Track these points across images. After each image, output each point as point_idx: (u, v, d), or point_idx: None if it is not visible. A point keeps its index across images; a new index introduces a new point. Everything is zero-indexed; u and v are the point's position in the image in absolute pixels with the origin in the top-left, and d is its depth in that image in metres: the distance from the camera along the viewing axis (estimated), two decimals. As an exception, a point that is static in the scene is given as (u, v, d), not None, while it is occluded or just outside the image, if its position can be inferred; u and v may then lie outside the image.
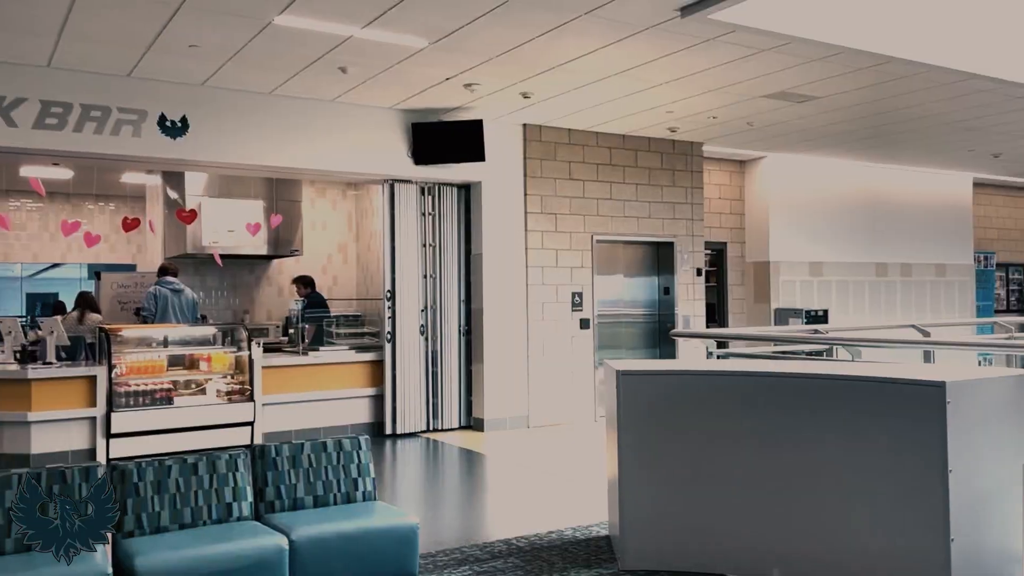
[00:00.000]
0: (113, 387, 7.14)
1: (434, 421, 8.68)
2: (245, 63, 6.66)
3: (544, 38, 6.13)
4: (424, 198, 8.73)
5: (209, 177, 9.18)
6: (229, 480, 3.91)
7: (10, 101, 6.50)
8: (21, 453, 6.83)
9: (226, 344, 8.07)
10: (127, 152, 7.05)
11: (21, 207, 11.28)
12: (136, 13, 5.54)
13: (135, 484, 3.72)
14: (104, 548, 3.48)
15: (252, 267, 10.28)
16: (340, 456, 4.24)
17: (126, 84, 6.94)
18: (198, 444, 7.22)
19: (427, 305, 8.71)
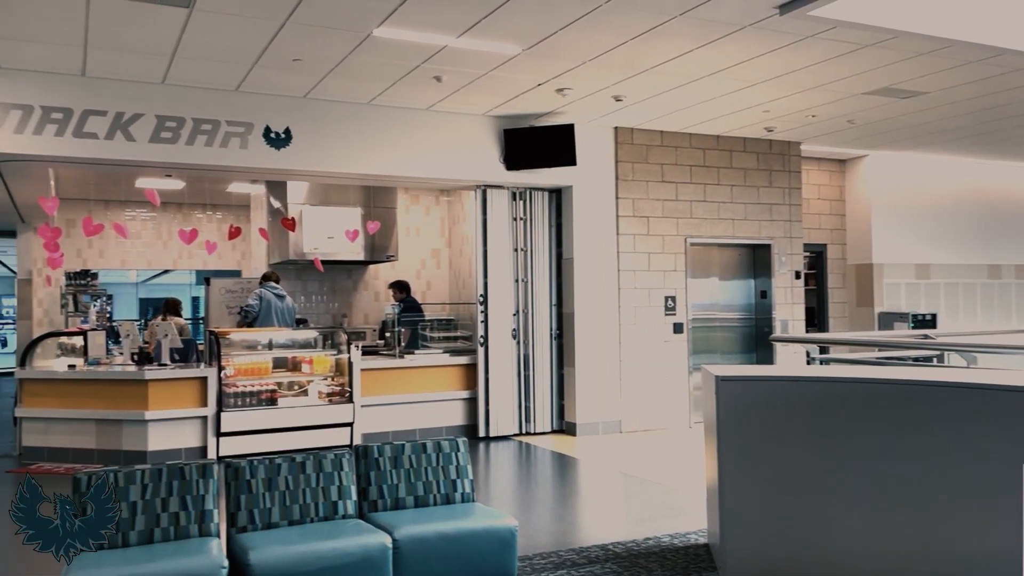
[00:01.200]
0: (222, 388, 7.48)
1: (526, 424, 8.73)
2: (345, 75, 6.88)
3: (637, 41, 6.10)
4: (515, 203, 8.80)
5: (310, 186, 9.51)
6: (334, 479, 4.04)
7: (129, 116, 6.90)
8: (139, 450, 7.22)
9: (326, 347, 8.34)
10: (234, 163, 7.37)
11: (136, 216, 11.93)
12: (244, 31, 5.80)
13: (247, 481, 3.88)
14: (219, 542, 3.65)
15: (350, 272, 10.58)
16: (439, 457, 4.32)
17: (234, 98, 7.27)
18: (300, 444, 7.49)
19: (519, 309, 8.77)
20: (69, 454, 7.47)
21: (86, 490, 3.59)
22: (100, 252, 11.73)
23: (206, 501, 3.76)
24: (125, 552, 3.48)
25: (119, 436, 7.31)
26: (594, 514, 5.95)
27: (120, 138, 6.86)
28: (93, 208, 11.43)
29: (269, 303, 8.63)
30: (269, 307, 8.61)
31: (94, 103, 6.75)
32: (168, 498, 3.70)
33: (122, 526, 3.59)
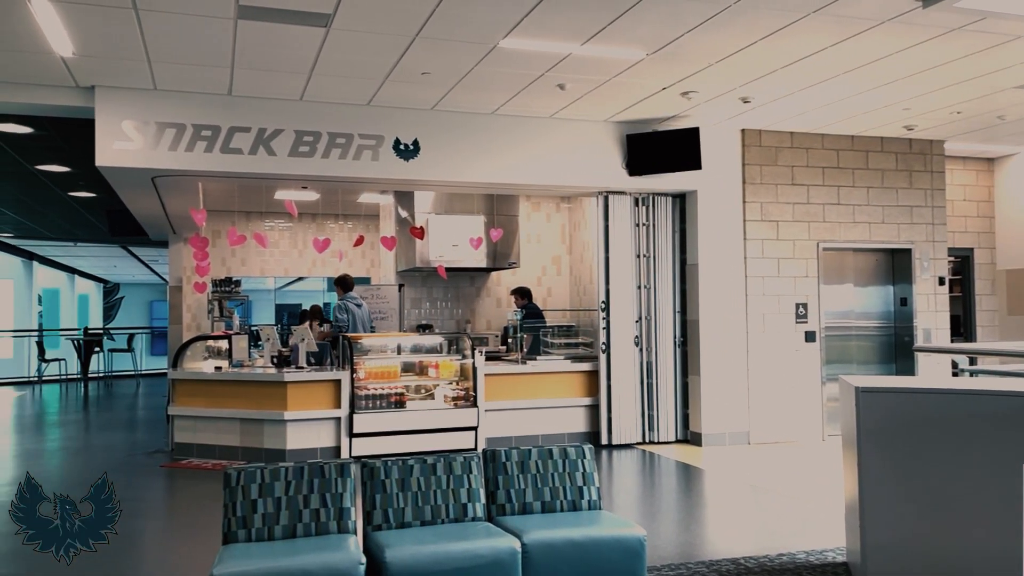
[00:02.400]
0: (354, 390, 7.77)
1: (649, 433, 8.62)
2: (471, 86, 7.03)
3: (767, 41, 5.93)
4: (638, 209, 8.72)
5: (435, 195, 9.76)
6: (464, 481, 4.13)
7: (270, 132, 7.30)
8: (278, 448, 7.61)
9: (451, 352, 8.53)
10: (366, 174, 7.66)
11: (275, 227, 12.60)
12: (376, 47, 6.03)
13: (382, 481, 4.02)
14: (356, 539, 3.79)
15: (473, 279, 10.78)
16: (565, 464, 4.33)
17: (366, 112, 7.57)
18: (427, 446, 7.70)
19: (641, 316, 8.68)
20: (216, 451, 7.96)
21: (235, 485, 3.83)
22: (242, 261, 12.45)
23: (344, 499, 3.92)
24: (271, 545, 3.67)
25: (261, 435, 7.72)
26: (723, 526, 5.81)
27: (262, 153, 7.27)
28: (236, 219, 12.17)
29: (354, 314, 9.05)
30: (355, 318, 9.03)
31: (239, 120, 7.19)
32: (309, 495, 3.88)
33: (267, 520, 3.79)
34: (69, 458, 8.83)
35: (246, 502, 3.80)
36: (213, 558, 4.42)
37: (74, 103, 6.86)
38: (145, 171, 7.21)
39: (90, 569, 4.80)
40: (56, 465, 8.48)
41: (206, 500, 6.41)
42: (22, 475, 7.83)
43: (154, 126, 6.96)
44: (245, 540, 3.73)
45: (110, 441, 9.82)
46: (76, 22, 5.40)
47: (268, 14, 5.31)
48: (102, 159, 6.85)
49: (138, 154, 6.93)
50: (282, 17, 5.36)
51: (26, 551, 5.19)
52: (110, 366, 18.04)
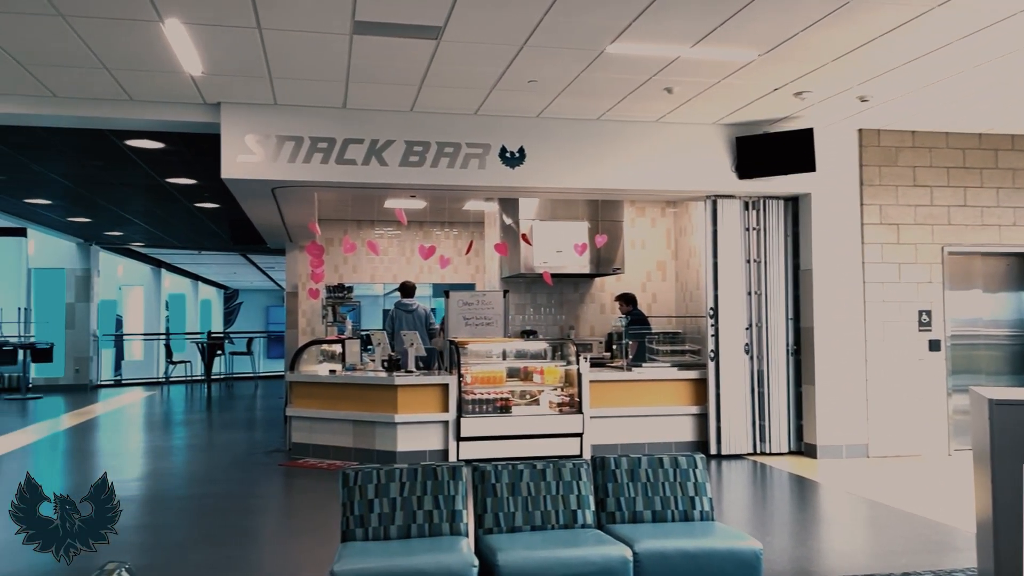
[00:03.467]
0: (462, 395, 7.90)
1: (760, 444, 8.37)
2: (576, 93, 7.04)
3: (887, 37, 5.69)
4: (748, 212, 8.51)
5: (539, 201, 9.81)
6: (573, 488, 4.13)
7: (382, 143, 7.53)
8: (389, 450, 7.81)
9: (556, 358, 8.54)
10: (473, 182, 7.79)
11: (384, 234, 12.97)
12: (485, 58, 6.13)
13: (492, 485, 4.07)
14: (468, 541, 3.85)
15: (576, 285, 10.77)
16: (676, 473, 4.27)
17: (473, 121, 7.69)
18: (531, 451, 7.73)
19: (752, 323, 8.45)
20: (330, 451, 8.25)
21: (353, 485, 3.96)
22: (353, 268, 12.88)
23: (456, 501, 3.99)
24: (387, 545, 3.78)
25: (373, 436, 7.95)
26: (841, 543, 5.58)
27: (374, 163, 7.50)
28: (348, 228, 12.61)
29: (399, 319, 9.69)
30: (400, 323, 9.63)
31: (353, 132, 7.45)
32: (423, 496, 3.97)
33: (383, 520, 3.90)
34: (195, 455, 9.33)
35: (363, 502, 3.92)
36: (330, 554, 4.57)
37: (201, 119, 7.27)
38: (266, 183, 7.57)
39: (220, 562, 5.07)
40: (182, 462, 8.99)
41: (322, 498, 6.65)
42: (154, 471, 8.36)
43: (274, 139, 7.29)
44: (362, 539, 3.85)
45: (231, 440, 10.33)
46: (205, 43, 5.73)
47: (382, 28, 5.48)
48: (227, 172, 7.22)
49: (259, 166, 7.28)
50: (395, 31, 5.53)
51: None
52: (231, 368, 18.97)
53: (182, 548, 5.39)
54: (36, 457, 9.23)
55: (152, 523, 6.18)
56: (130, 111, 7.08)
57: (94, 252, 17.29)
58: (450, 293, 9.29)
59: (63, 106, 6.96)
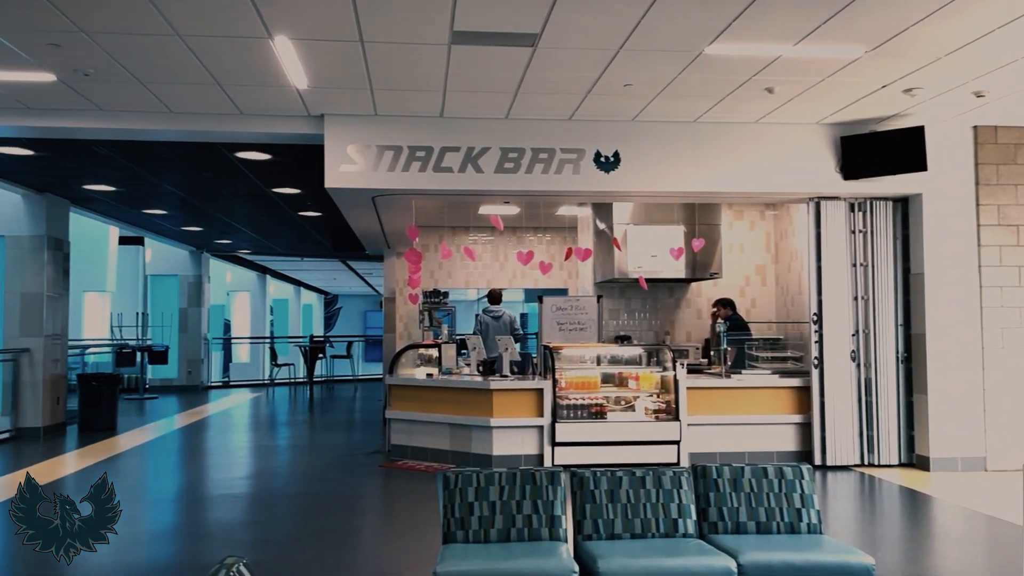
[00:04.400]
0: (556, 400, 7.91)
1: (868, 455, 8.04)
2: (672, 95, 6.95)
3: (1005, 30, 5.39)
4: (854, 214, 8.20)
5: (634, 205, 9.73)
6: (674, 496, 4.07)
7: (478, 151, 7.62)
8: (485, 454, 7.89)
9: (651, 364, 8.45)
10: (567, 188, 7.79)
11: (478, 240, 13.12)
12: (580, 63, 6.13)
13: (591, 491, 4.06)
14: (567, 547, 3.85)
15: (672, 290, 10.62)
16: (782, 484, 4.15)
17: (567, 127, 7.70)
18: (627, 458, 7.67)
19: (858, 329, 8.13)
20: (428, 453, 8.40)
21: (453, 488, 4.02)
22: (448, 273, 13.08)
23: (555, 507, 3.99)
24: (487, 547, 3.82)
25: (469, 439, 8.05)
26: (957, 561, 5.29)
27: (470, 170, 7.61)
28: (444, 234, 12.82)
29: (486, 326, 9.98)
30: (486, 329, 9.92)
31: (450, 140, 7.57)
32: (522, 501, 3.99)
33: (483, 523, 3.94)
34: (299, 455, 9.67)
35: (463, 504, 3.97)
36: (430, 555, 4.65)
37: (306, 131, 7.54)
38: (366, 191, 7.78)
39: (324, 560, 5.23)
40: (287, 461, 9.32)
41: (421, 500, 6.78)
42: (260, 469, 8.69)
43: (374, 149, 7.49)
44: (463, 541, 3.90)
45: (333, 440, 10.65)
46: (311, 57, 5.95)
47: (480, 38, 5.56)
48: (330, 181, 7.47)
49: (361, 175, 7.49)
50: (492, 40, 5.59)
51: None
52: (331, 371, 19.56)
53: (288, 545, 5.59)
54: (153, 455, 9.75)
55: (259, 520, 6.43)
56: (240, 124, 7.41)
57: (205, 259, 18.18)
58: (543, 298, 9.33)
59: (179, 121, 7.35)
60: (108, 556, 5.47)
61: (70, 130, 7.40)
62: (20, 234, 10.61)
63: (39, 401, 10.54)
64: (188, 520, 6.51)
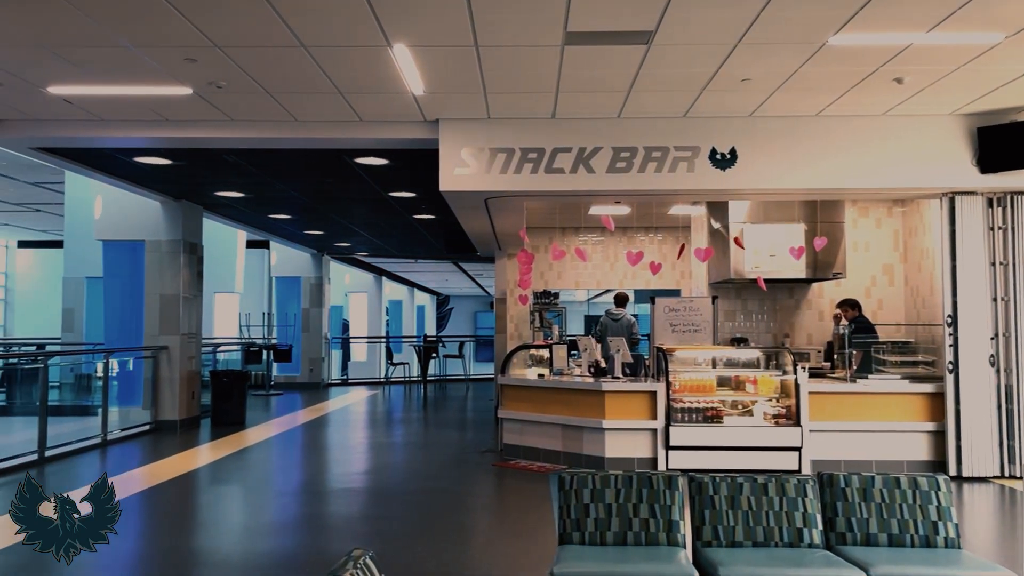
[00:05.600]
0: (670, 402, 7.77)
1: (1010, 466, 7.51)
2: (793, 89, 6.71)
3: None
4: (993, 210, 7.68)
5: (751, 204, 9.45)
6: (798, 505, 3.92)
7: (589, 151, 7.59)
8: (597, 455, 7.84)
9: (770, 367, 8.17)
10: (681, 186, 7.65)
11: (588, 241, 13.08)
12: (696, 59, 6.00)
13: (711, 497, 3.96)
14: (686, 553, 3.77)
15: (792, 290, 10.26)
16: (916, 495, 3.93)
17: (681, 124, 7.56)
18: (745, 464, 7.46)
19: (998, 332, 7.61)
20: (540, 453, 8.43)
21: (569, 489, 4.01)
22: (558, 274, 13.09)
23: (672, 511, 3.92)
24: (604, 550, 3.79)
25: (581, 441, 8.03)
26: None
27: (582, 171, 7.59)
28: (553, 235, 12.84)
29: (605, 327, 10.16)
30: (605, 330, 10.07)
31: (561, 142, 7.58)
32: (638, 504, 3.94)
33: (599, 525, 3.92)
34: (414, 452, 9.90)
35: (579, 506, 3.95)
36: (543, 556, 4.66)
37: (422, 135, 7.71)
38: (480, 193, 7.89)
39: (440, 556, 5.33)
40: (403, 458, 9.56)
41: (534, 500, 6.82)
42: (377, 465, 8.94)
43: (487, 152, 7.58)
44: (579, 542, 3.89)
45: (447, 439, 10.85)
46: (428, 63, 6.08)
47: (593, 37, 5.53)
48: (445, 184, 7.61)
49: (474, 178, 7.60)
50: (606, 39, 5.56)
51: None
52: (444, 370, 19.95)
53: (405, 539, 5.73)
54: (278, 448, 10.21)
55: (377, 514, 6.62)
56: (360, 131, 7.66)
57: (325, 262, 18.91)
58: (655, 299, 9.19)
59: (303, 129, 7.67)
60: (237, 545, 5.77)
61: (204, 140, 7.85)
62: (159, 239, 11.34)
63: (176, 396, 11.24)
64: (310, 512, 6.77)
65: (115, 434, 10.31)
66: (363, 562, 2.59)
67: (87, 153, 8.60)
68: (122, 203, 11.26)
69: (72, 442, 9.51)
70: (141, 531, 6.30)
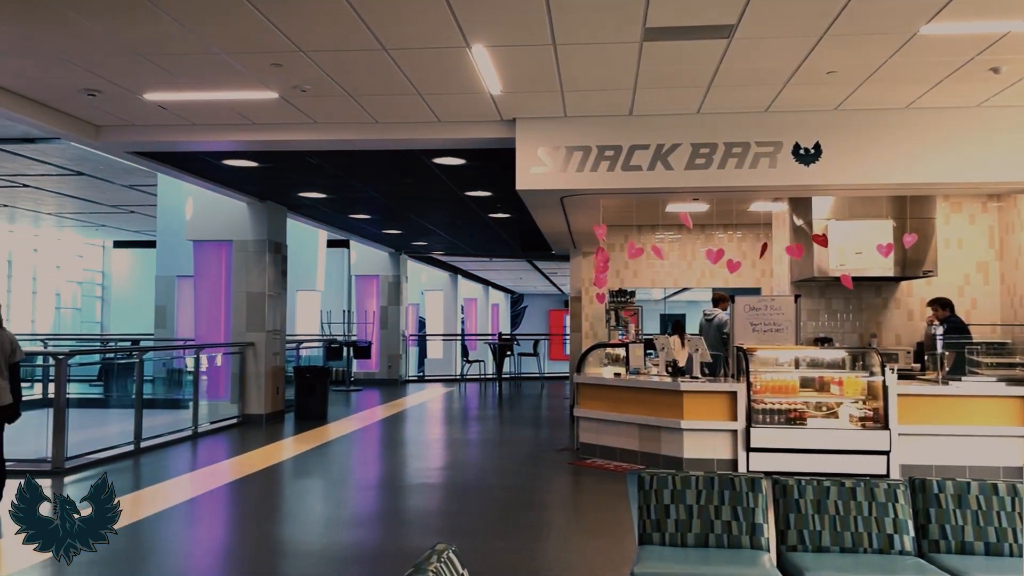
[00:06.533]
0: (750, 403, 7.62)
1: (1118, 476, 7.10)
2: (882, 80, 6.49)
3: None
4: (1099, 205, 7.26)
5: (835, 200, 9.18)
6: (888, 510, 3.80)
7: (667, 148, 7.50)
8: (676, 456, 7.75)
9: (856, 368, 7.93)
10: (762, 183, 7.48)
11: (664, 239, 12.92)
12: (779, 52, 5.86)
13: (796, 500, 3.87)
14: (770, 557, 3.70)
15: (879, 289, 9.92)
16: (1015, 502, 3.76)
17: (763, 119, 7.40)
18: (829, 467, 7.26)
19: (1105, 334, 7.19)
20: (616, 453, 8.38)
21: (648, 489, 3.98)
22: (634, 272, 12.98)
23: (756, 514, 3.86)
24: (685, 552, 3.75)
25: (658, 441, 7.95)
26: None
27: (660, 168, 7.50)
28: (628, 233, 12.74)
29: (701, 327, 10.27)
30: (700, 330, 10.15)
31: (639, 139, 7.51)
32: (720, 506, 3.89)
33: (680, 527, 3.88)
34: (490, 449, 9.98)
35: (659, 506, 3.92)
36: (621, 555, 4.65)
37: (498, 135, 7.76)
38: (556, 192, 7.89)
39: (518, 552, 5.36)
40: (479, 454, 9.64)
41: (611, 499, 6.79)
42: (454, 461, 9.04)
43: (564, 150, 7.57)
44: (659, 543, 3.86)
45: (522, 436, 10.89)
46: (505, 63, 6.12)
47: (673, 33, 5.47)
48: (521, 183, 7.64)
49: (550, 177, 7.61)
50: (686, 34, 5.49)
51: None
52: (519, 368, 20.03)
53: (482, 535, 5.78)
54: (358, 443, 10.44)
55: (454, 510, 6.70)
56: (438, 131, 7.77)
57: (402, 260, 19.23)
58: (735, 298, 9.02)
59: (383, 130, 7.82)
60: (318, 536, 5.93)
61: (288, 142, 8.08)
62: (245, 238, 11.74)
63: (262, 390, 11.61)
64: (389, 506, 6.91)
65: (205, 427, 10.73)
66: (447, 556, 2.63)
67: (179, 156, 8.97)
68: (211, 204, 11.70)
69: (165, 434, 9.95)
70: (231, 521, 6.54)
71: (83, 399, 13.85)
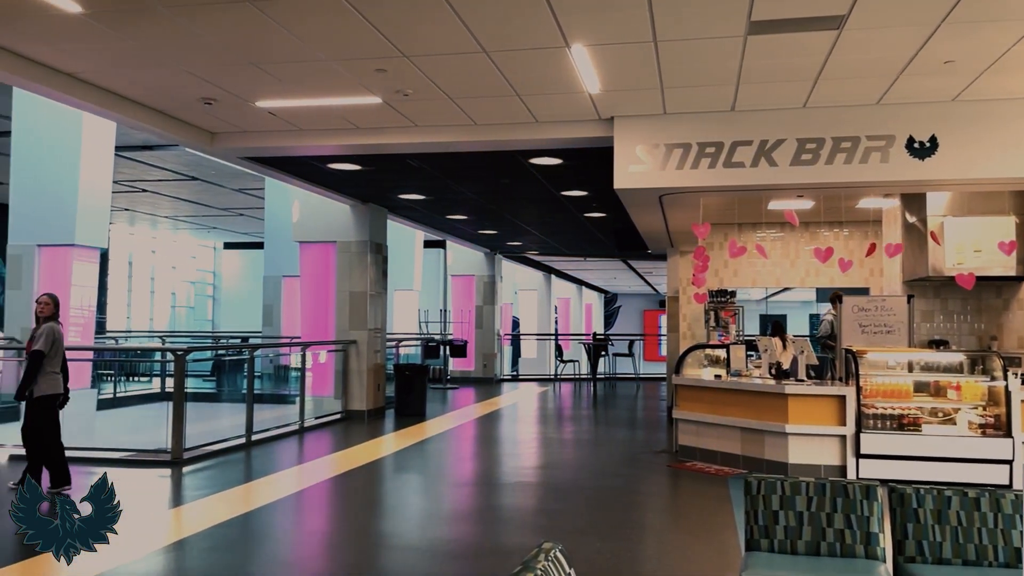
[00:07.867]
0: (860, 408, 7.33)
1: None
2: (1004, 70, 6.13)
3: None
4: None
5: (951, 195, 8.72)
6: (1016, 523, 3.58)
7: (771, 143, 7.30)
8: (780, 461, 7.53)
9: (975, 373, 7.52)
10: (873, 178, 7.18)
11: (766, 237, 12.57)
12: (892, 42, 5.62)
13: (914, 510, 3.70)
14: (887, 568, 3.55)
15: (1000, 289, 9.36)
16: None
17: (874, 112, 7.10)
18: (946, 476, 6.93)
19: None
20: (717, 456, 8.22)
21: (756, 494, 3.88)
22: (735, 272, 12.67)
23: (871, 523, 3.70)
24: (795, 559, 3.64)
25: (761, 445, 7.74)
26: None
27: (763, 164, 7.31)
28: (728, 231, 12.45)
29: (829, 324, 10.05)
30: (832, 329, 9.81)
31: (741, 134, 7.33)
32: (832, 514, 3.75)
33: (789, 533, 3.76)
34: (586, 449, 9.94)
35: (767, 512, 3.82)
36: (725, 560, 4.55)
37: (595, 134, 7.72)
38: (654, 190, 7.79)
39: (616, 554, 5.33)
40: (576, 454, 9.62)
41: (712, 504, 6.66)
42: (551, 461, 9.06)
43: (663, 148, 7.47)
44: (767, 550, 3.76)
45: (619, 437, 10.81)
46: (604, 62, 6.09)
47: (778, 25, 5.32)
48: (619, 182, 7.58)
49: (649, 175, 7.52)
50: (793, 26, 5.33)
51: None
52: (613, 368, 19.90)
53: (582, 535, 5.76)
54: (455, 440, 10.60)
55: (552, 508, 6.71)
56: (535, 132, 7.80)
57: (497, 260, 19.41)
58: (843, 298, 8.69)
59: (481, 132, 7.91)
60: (416, 531, 6.05)
61: (390, 146, 8.28)
62: (348, 239, 12.09)
63: (364, 387, 11.94)
64: (487, 503, 6.97)
65: (310, 422, 11.11)
66: (554, 555, 2.64)
67: (287, 161, 9.32)
68: (316, 207, 12.11)
69: (273, 428, 10.35)
70: (335, 514, 6.76)
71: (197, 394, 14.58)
